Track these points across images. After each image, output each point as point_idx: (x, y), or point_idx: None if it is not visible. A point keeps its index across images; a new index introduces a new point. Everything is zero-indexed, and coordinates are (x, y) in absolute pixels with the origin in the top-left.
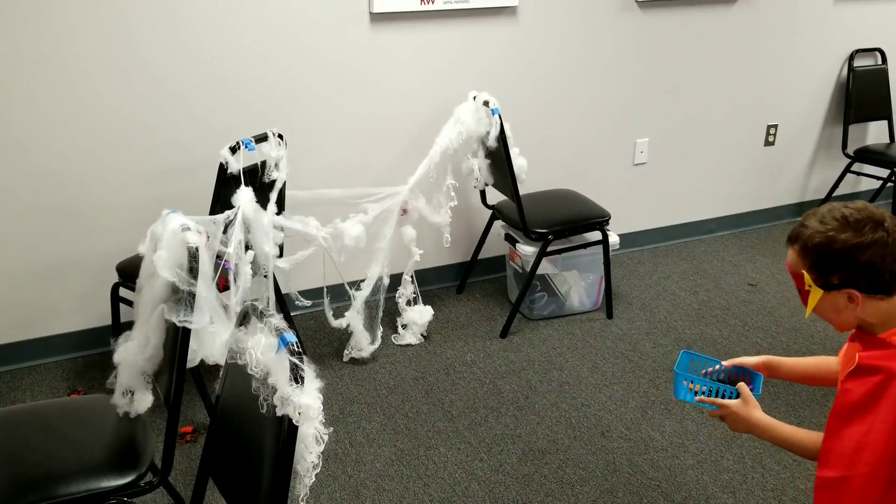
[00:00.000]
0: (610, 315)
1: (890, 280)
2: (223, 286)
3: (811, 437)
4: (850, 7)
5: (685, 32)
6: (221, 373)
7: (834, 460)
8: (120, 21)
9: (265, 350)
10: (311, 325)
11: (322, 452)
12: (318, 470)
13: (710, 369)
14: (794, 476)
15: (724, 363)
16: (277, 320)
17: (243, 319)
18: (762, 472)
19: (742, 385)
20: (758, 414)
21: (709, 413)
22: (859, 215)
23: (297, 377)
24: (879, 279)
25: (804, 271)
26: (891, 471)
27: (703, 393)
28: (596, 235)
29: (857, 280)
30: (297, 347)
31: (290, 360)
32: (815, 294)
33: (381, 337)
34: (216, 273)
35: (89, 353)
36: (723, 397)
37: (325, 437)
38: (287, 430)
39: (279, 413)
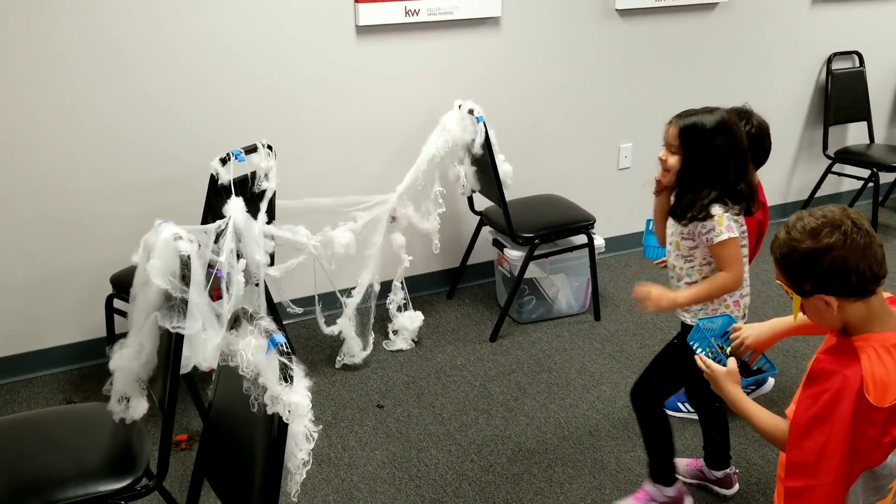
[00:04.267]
0: (597, 317)
1: (858, 282)
2: (217, 296)
3: (768, 420)
4: (827, 11)
5: (665, 39)
6: (214, 376)
7: (798, 471)
8: (111, 36)
9: (255, 351)
10: (303, 332)
11: (315, 456)
12: (308, 467)
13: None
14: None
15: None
16: (267, 322)
17: (234, 323)
18: (746, 467)
19: (731, 360)
20: (731, 387)
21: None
22: (816, 223)
23: (286, 376)
24: (846, 281)
25: (780, 280)
26: (849, 474)
27: (709, 354)
28: (582, 239)
29: (827, 285)
30: (286, 348)
31: (279, 360)
32: (796, 301)
33: (373, 343)
34: (209, 283)
35: (85, 365)
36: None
37: (315, 435)
38: (277, 428)
39: (269, 412)
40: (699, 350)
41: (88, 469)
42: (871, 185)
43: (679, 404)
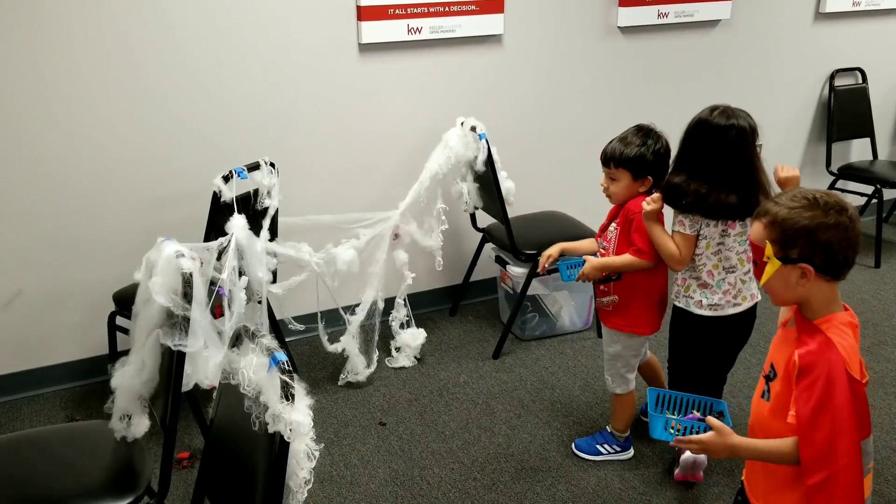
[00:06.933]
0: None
1: (842, 264)
2: (219, 313)
3: (787, 443)
4: (829, 28)
5: (667, 56)
6: (215, 394)
7: (816, 465)
8: (118, 53)
9: (257, 369)
10: (305, 350)
11: (318, 474)
12: (310, 486)
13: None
14: None
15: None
16: (268, 340)
17: (236, 341)
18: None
19: (711, 419)
20: (735, 439)
21: (692, 451)
22: (828, 198)
23: (287, 395)
24: (833, 261)
25: (767, 243)
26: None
27: (679, 432)
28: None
29: (814, 258)
30: (288, 366)
31: (280, 379)
32: (773, 265)
33: (376, 360)
34: (211, 300)
35: (87, 383)
36: (696, 432)
37: (317, 454)
38: (279, 447)
39: (271, 430)
40: (667, 438)
41: (90, 487)
42: (874, 201)
43: (598, 446)
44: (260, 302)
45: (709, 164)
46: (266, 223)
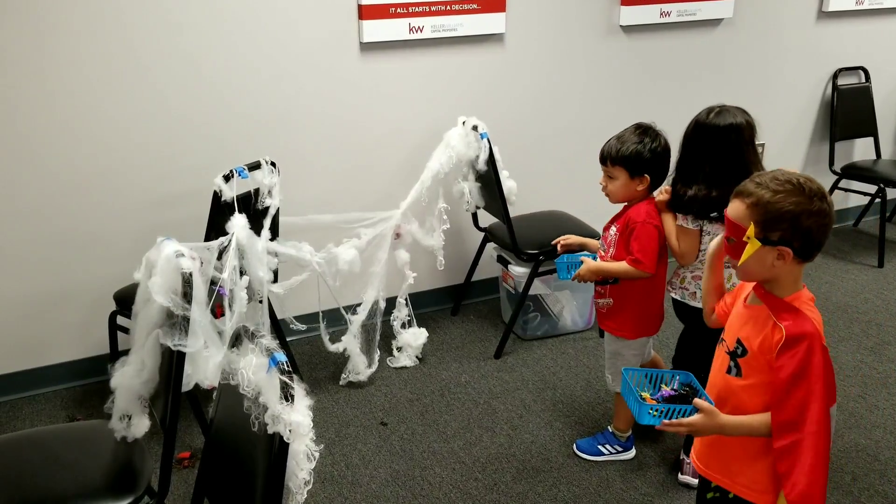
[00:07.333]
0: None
1: (815, 248)
2: (220, 313)
3: (760, 419)
4: (832, 26)
5: (670, 54)
6: (215, 394)
7: (785, 429)
8: (120, 52)
9: (256, 370)
10: (306, 349)
11: (318, 474)
12: (309, 487)
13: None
14: None
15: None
16: (268, 340)
17: (235, 341)
18: None
19: (698, 401)
20: (723, 419)
21: (680, 434)
22: (811, 184)
23: (287, 395)
24: (809, 245)
25: (751, 223)
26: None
27: (662, 414)
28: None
29: (793, 241)
30: (287, 366)
31: (280, 379)
32: (753, 245)
33: (377, 360)
34: (212, 300)
35: (88, 382)
36: (681, 414)
37: (316, 455)
38: (278, 448)
39: (270, 431)
40: (654, 422)
41: (90, 487)
42: (877, 200)
43: (599, 447)
44: (261, 301)
45: (715, 167)
46: (267, 223)
